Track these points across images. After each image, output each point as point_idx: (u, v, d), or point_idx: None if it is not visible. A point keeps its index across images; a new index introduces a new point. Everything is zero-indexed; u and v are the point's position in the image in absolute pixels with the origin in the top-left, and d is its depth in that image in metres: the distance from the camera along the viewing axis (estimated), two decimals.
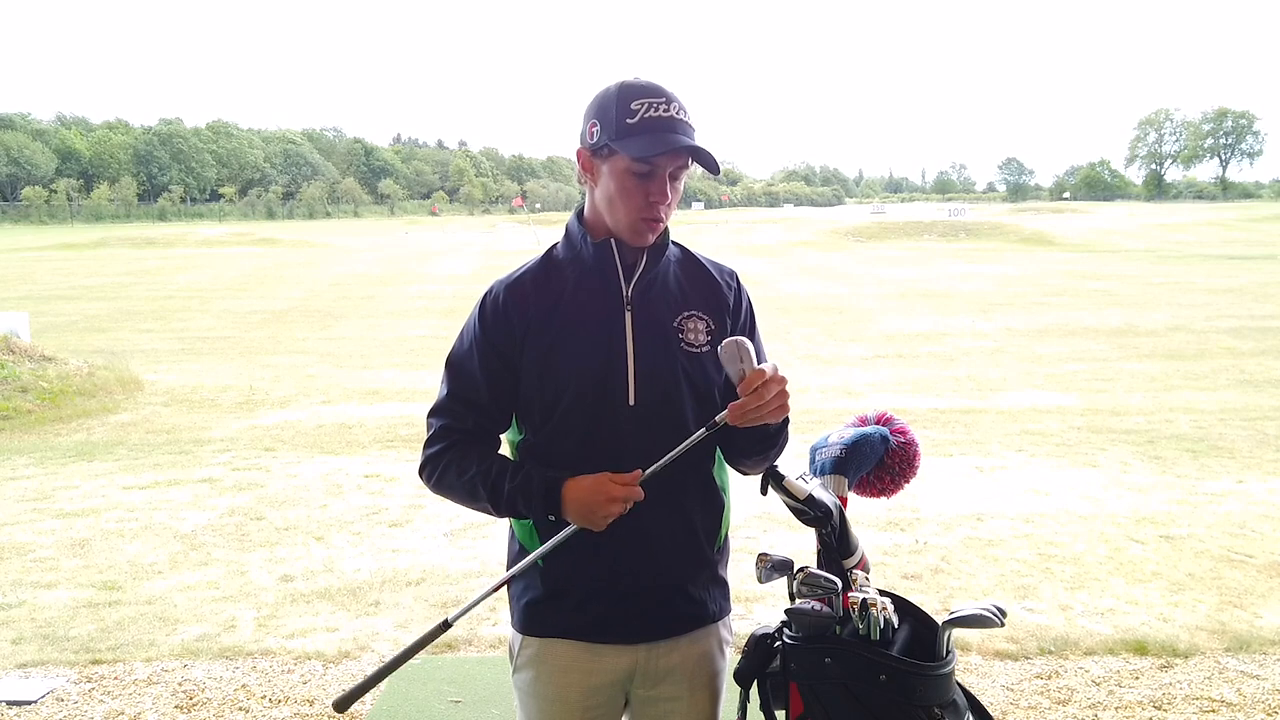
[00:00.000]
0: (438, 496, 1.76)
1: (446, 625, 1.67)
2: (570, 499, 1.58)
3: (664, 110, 1.57)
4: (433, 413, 1.75)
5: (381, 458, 6.92)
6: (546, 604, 1.69)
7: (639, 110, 1.56)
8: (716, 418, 1.58)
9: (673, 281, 1.73)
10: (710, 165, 1.61)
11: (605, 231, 1.68)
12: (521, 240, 38.85)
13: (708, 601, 1.75)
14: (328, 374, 10.73)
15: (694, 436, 1.59)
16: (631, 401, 1.64)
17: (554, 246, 1.76)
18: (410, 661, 3.82)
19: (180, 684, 3.54)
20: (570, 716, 1.71)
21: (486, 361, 1.69)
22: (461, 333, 1.76)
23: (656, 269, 1.70)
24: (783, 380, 1.58)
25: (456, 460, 1.69)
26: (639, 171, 1.58)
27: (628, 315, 1.66)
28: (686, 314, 1.71)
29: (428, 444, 1.73)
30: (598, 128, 1.60)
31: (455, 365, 1.74)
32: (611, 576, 1.66)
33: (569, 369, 1.64)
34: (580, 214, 1.73)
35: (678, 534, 1.70)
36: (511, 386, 1.69)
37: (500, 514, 1.68)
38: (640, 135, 1.56)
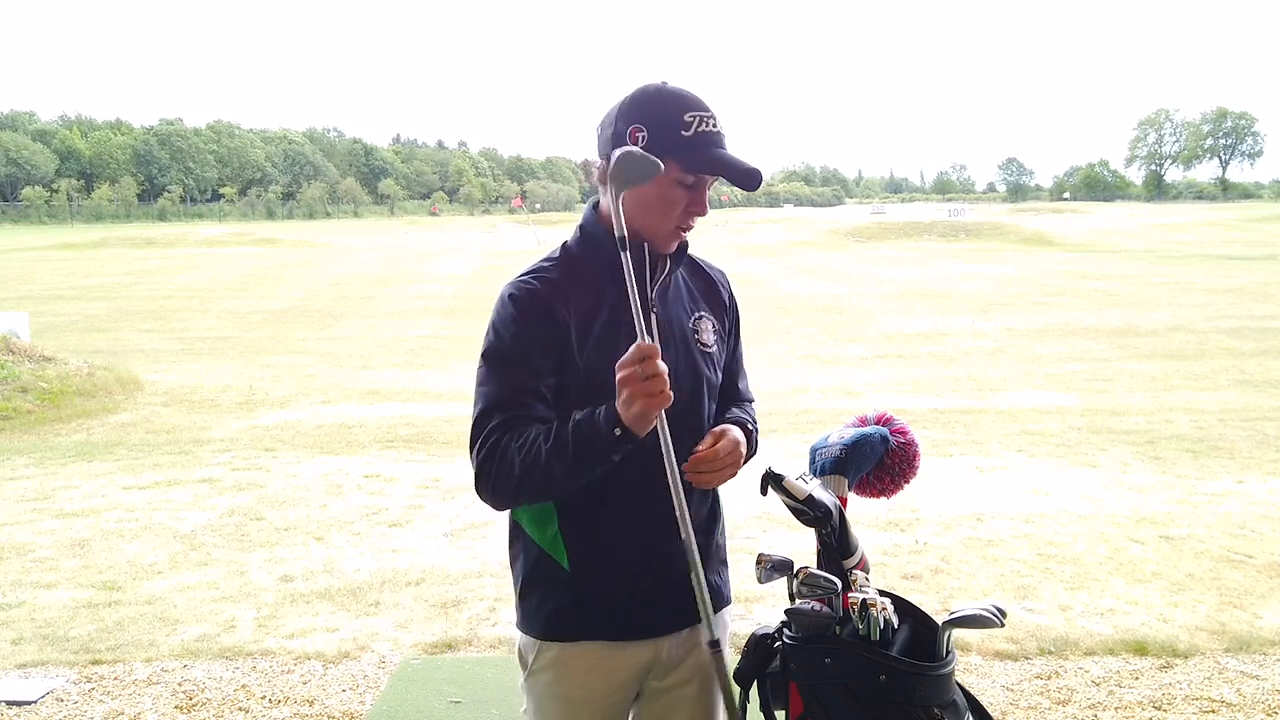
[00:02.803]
0: (498, 506, 1.61)
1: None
2: (623, 413, 1.47)
3: (713, 125, 1.61)
4: (483, 415, 1.58)
5: (381, 458, 6.92)
6: (574, 610, 1.68)
7: (692, 124, 1.59)
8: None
9: (682, 283, 1.77)
10: (754, 186, 1.61)
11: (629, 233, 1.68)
12: (522, 240, 38.84)
13: (721, 585, 1.80)
14: (328, 374, 10.74)
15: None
16: None
17: (567, 246, 1.73)
18: (410, 661, 3.83)
19: (180, 684, 3.54)
20: (593, 715, 1.72)
21: (534, 355, 1.61)
22: (494, 333, 1.64)
23: (671, 271, 1.74)
24: (733, 450, 1.63)
25: (514, 439, 1.55)
26: (685, 182, 1.61)
27: (653, 317, 1.68)
28: (698, 315, 1.76)
29: (479, 445, 1.56)
30: (644, 134, 1.59)
31: (503, 359, 1.62)
32: (641, 572, 1.68)
33: (606, 371, 1.59)
34: (595, 214, 1.72)
35: (705, 521, 1.74)
36: (552, 382, 1.63)
37: (571, 470, 1.52)
38: (698, 150, 1.59)
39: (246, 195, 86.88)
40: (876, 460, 1.95)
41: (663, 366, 1.44)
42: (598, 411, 1.51)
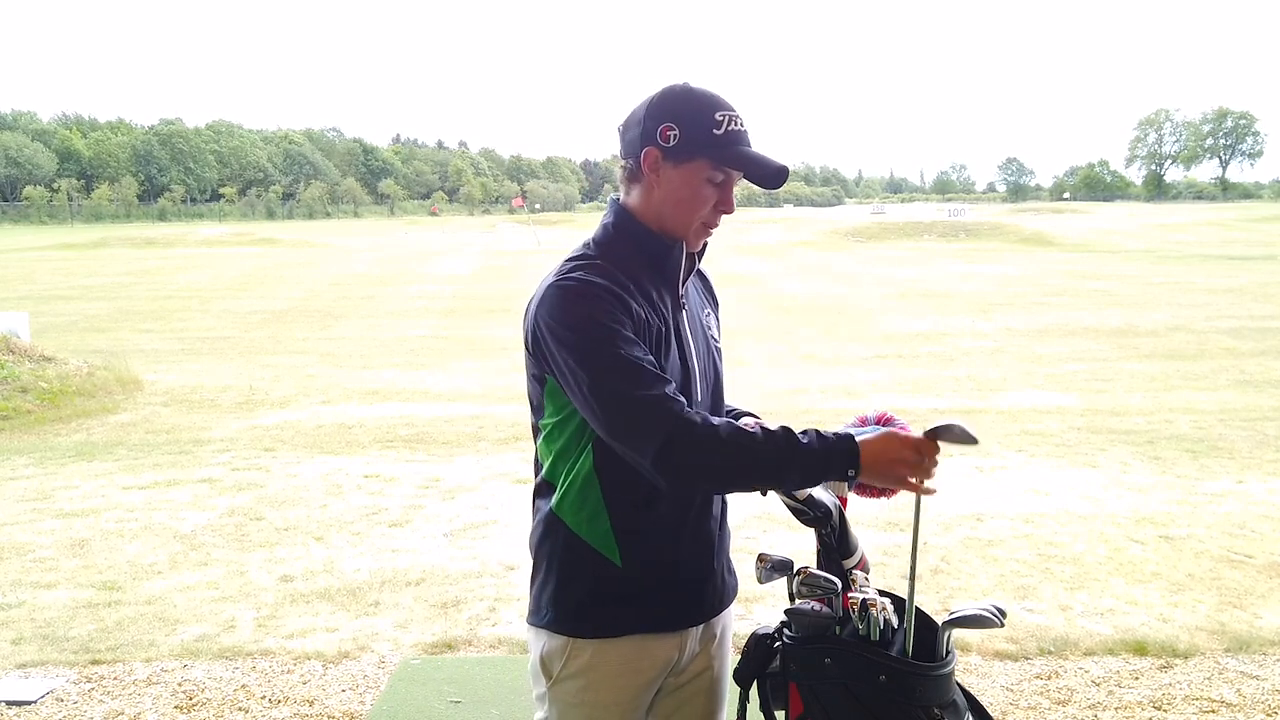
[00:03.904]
0: (686, 475, 1.52)
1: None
2: (868, 456, 1.51)
3: (740, 124, 1.65)
4: (659, 400, 1.50)
5: (381, 458, 6.92)
6: (622, 605, 1.67)
7: (723, 122, 1.63)
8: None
9: (691, 280, 1.82)
10: (780, 183, 1.66)
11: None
12: (522, 240, 38.84)
13: (736, 574, 1.86)
14: (328, 374, 10.73)
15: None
16: (698, 400, 1.70)
17: (599, 244, 1.70)
18: (410, 661, 3.84)
19: (180, 684, 3.54)
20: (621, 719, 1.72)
21: (631, 335, 1.57)
22: (593, 321, 1.55)
23: (694, 269, 1.79)
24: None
25: (716, 422, 1.52)
26: (715, 180, 1.65)
27: (683, 314, 1.72)
28: (707, 312, 1.83)
29: (666, 414, 1.49)
30: (676, 132, 1.62)
31: (623, 340, 1.54)
32: (685, 564, 1.71)
33: (666, 372, 1.61)
34: (625, 211, 1.71)
35: (720, 512, 1.78)
36: None
37: (780, 480, 1.54)
38: (729, 148, 1.63)
39: (246, 195, 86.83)
40: None
41: (918, 466, 1.54)
42: (835, 443, 1.51)
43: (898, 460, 1.53)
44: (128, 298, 19.18)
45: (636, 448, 1.51)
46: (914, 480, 1.54)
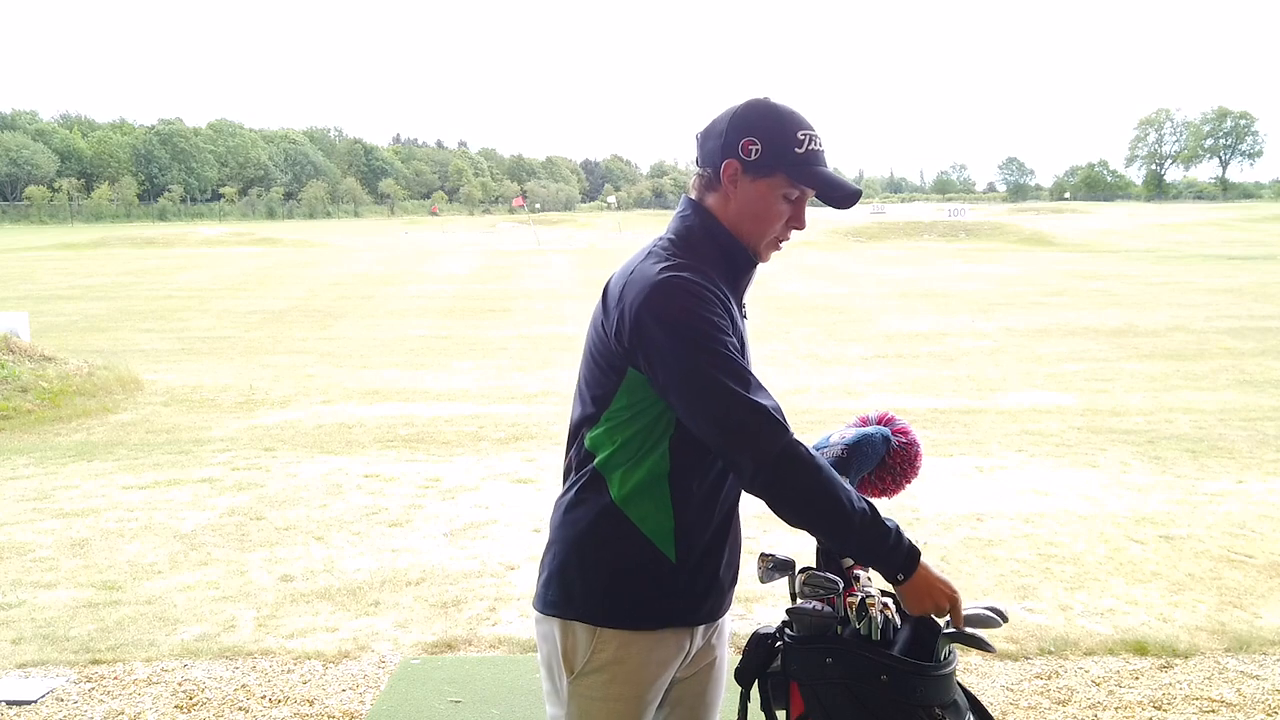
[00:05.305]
0: (782, 496, 1.62)
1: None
2: (923, 571, 1.63)
3: (819, 144, 1.68)
4: (770, 412, 1.57)
5: (381, 458, 6.92)
6: (671, 599, 1.70)
7: (804, 141, 1.66)
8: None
9: None
10: (851, 205, 1.71)
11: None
12: (522, 240, 38.86)
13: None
14: (328, 374, 10.73)
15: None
16: None
17: (686, 243, 1.71)
18: (410, 661, 3.84)
19: (180, 684, 3.54)
20: (641, 713, 1.73)
21: (736, 341, 1.64)
22: (709, 323, 1.58)
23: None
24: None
25: (815, 453, 1.61)
26: (790, 197, 1.69)
27: (745, 322, 1.78)
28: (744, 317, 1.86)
29: (779, 426, 1.57)
30: (758, 146, 1.65)
31: (730, 346, 1.59)
32: (728, 561, 1.77)
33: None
34: (709, 214, 1.72)
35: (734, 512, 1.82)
36: None
37: (848, 538, 1.62)
38: (807, 166, 1.66)
39: (247, 195, 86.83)
40: (878, 460, 1.95)
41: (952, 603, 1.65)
42: (904, 542, 1.63)
43: (949, 601, 1.64)
44: (128, 298, 19.18)
45: (743, 454, 1.57)
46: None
